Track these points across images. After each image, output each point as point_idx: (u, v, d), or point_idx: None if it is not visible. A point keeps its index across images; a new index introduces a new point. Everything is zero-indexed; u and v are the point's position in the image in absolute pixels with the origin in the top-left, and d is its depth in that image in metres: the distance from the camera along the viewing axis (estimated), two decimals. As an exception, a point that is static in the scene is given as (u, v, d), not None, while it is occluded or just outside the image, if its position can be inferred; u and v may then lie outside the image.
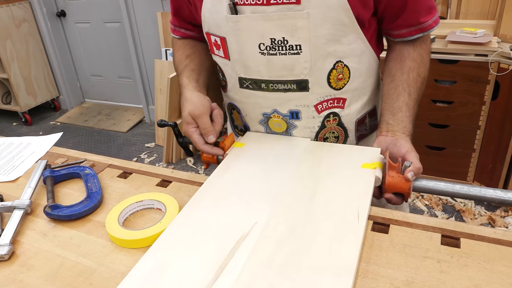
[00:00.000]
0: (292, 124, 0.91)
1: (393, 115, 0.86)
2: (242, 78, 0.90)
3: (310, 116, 0.90)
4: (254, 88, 0.90)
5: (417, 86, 0.88)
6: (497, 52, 1.96)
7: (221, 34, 0.86)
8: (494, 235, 0.64)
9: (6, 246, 0.68)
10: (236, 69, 0.89)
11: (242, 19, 0.81)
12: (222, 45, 0.88)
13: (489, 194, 0.72)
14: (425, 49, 0.90)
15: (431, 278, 0.57)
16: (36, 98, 4.07)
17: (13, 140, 1.12)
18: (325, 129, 0.92)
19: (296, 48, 0.81)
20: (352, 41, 0.83)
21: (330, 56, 0.83)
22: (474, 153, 2.26)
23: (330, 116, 0.90)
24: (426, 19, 0.85)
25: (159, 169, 0.91)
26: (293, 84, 0.86)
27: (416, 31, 0.86)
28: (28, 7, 3.84)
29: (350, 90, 0.89)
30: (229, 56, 0.89)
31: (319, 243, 0.61)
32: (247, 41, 0.83)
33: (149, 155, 3.26)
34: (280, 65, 0.83)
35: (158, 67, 3.17)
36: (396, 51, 0.91)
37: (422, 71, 0.89)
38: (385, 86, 0.90)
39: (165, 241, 0.64)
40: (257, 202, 0.71)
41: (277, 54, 0.82)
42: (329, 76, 0.85)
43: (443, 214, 2.26)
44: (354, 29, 0.81)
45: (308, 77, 0.84)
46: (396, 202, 0.76)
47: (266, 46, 0.82)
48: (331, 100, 0.88)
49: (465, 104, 2.15)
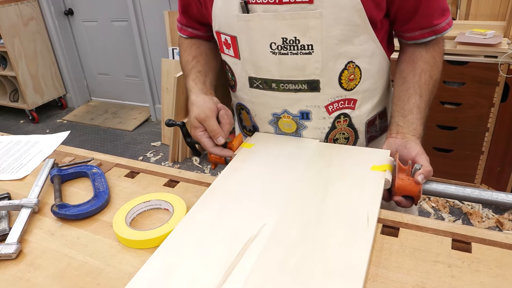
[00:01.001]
0: (302, 124, 0.91)
1: (403, 117, 0.85)
2: (252, 77, 0.89)
3: (321, 117, 0.89)
4: (265, 88, 0.89)
5: (429, 89, 0.86)
6: (507, 53, 1.94)
7: (231, 33, 0.86)
8: (506, 240, 0.63)
9: (13, 244, 0.68)
10: (246, 68, 0.89)
11: (253, 18, 0.81)
12: (232, 44, 0.88)
13: (501, 199, 0.71)
14: (438, 52, 0.89)
15: (441, 283, 0.56)
16: (43, 96, 4.09)
17: (20, 138, 1.12)
18: (335, 130, 0.91)
19: (308, 48, 0.80)
20: (364, 41, 0.82)
21: (341, 57, 0.82)
22: (482, 155, 2.24)
23: (341, 117, 0.89)
24: (439, 22, 0.84)
25: (166, 169, 0.91)
26: (304, 84, 0.85)
27: (429, 34, 0.85)
28: (36, 5, 3.85)
29: (361, 91, 0.88)
30: (239, 55, 0.88)
31: (329, 247, 0.60)
32: (258, 40, 0.83)
33: (155, 154, 3.26)
34: (291, 65, 0.83)
35: (164, 66, 3.18)
36: (408, 53, 0.90)
37: (434, 73, 0.88)
38: (396, 88, 0.90)
39: (172, 242, 0.64)
40: (266, 204, 0.71)
41: (289, 53, 0.82)
42: (341, 76, 0.84)
43: (450, 217, 2.24)
44: (366, 29, 0.80)
45: (319, 77, 0.83)
46: (405, 205, 0.76)
47: (278, 46, 0.81)
48: (342, 101, 0.87)
49: (474, 106, 2.13)
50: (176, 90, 2.83)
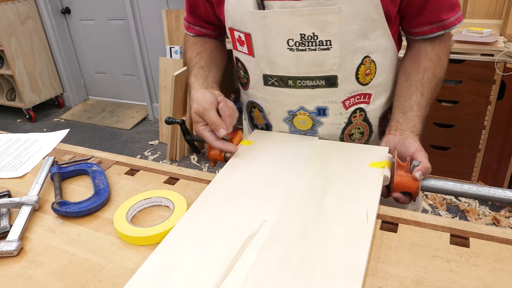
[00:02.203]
0: (318, 121, 0.90)
1: (403, 113, 0.86)
2: (267, 75, 0.89)
3: (338, 113, 0.89)
4: (280, 85, 0.88)
5: (431, 87, 0.87)
6: (503, 51, 1.95)
7: (245, 30, 0.85)
8: (503, 235, 0.64)
9: (14, 242, 0.68)
10: (260, 66, 0.88)
11: (270, 14, 0.80)
12: (246, 42, 0.87)
13: (498, 195, 0.71)
14: (443, 49, 0.89)
15: (440, 277, 0.56)
16: (40, 95, 4.08)
17: (20, 136, 1.12)
18: (351, 125, 0.91)
19: (326, 43, 0.80)
20: (379, 36, 0.82)
21: (359, 52, 0.82)
22: (479, 153, 2.26)
23: (357, 111, 0.89)
24: (448, 16, 0.84)
25: (166, 166, 0.91)
26: (322, 80, 0.85)
27: (437, 28, 0.86)
28: (33, 4, 3.84)
29: (375, 85, 0.88)
30: (254, 53, 0.87)
31: (329, 243, 0.61)
32: (275, 37, 0.82)
33: (153, 152, 3.27)
34: (309, 61, 0.83)
35: (162, 64, 3.18)
36: (414, 50, 0.91)
37: (438, 72, 0.88)
38: (399, 85, 0.90)
39: (173, 239, 0.64)
40: (266, 201, 0.71)
41: (307, 50, 0.81)
42: (358, 71, 0.84)
43: (447, 214, 2.25)
44: (381, 24, 0.81)
45: (337, 73, 0.83)
46: (404, 202, 0.76)
47: (295, 42, 0.81)
48: (358, 96, 0.88)
49: (471, 104, 2.14)
50: (174, 88, 2.83)
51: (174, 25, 3.22)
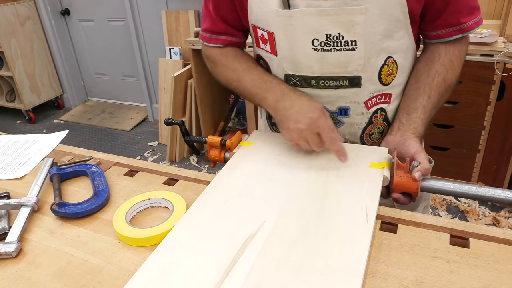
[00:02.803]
0: (339, 121, 0.90)
1: (407, 114, 0.85)
2: (289, 75, 0.88)
3: (359, 113, 0.88)
4: (303, 85, 0.88)
5: (440, 91, 0.86)
6: (503, 52, 1.95)
7: (269, 29, 0.84)
8: (503, 236, 0.63)
9: (13, 243, 0.68)
10: (283, 65, 0.87)
11: (295, 13, 0.79)
12: (269, 41, 0.86)
13: (498, 195, 0.71)
14: (457, 54, 0.88)
15: (440, 278, 0.56)
16: (40, 96, 4.08)
17: (19, 137, 1.12)
18: (372, 125, 0.91)
19: (351, 44, 0.79)
20: (402, 36, 0.82)
21: (383, 52, 0.82)
22: (478, 153, 2.26)
23: (378, 111, 0.89)
24: (467, 20, 0.83)
25: (165, 167, 0.91)
26: (346, 80, 0.84)
27: (455, 32, 0.85)
28: (33, 5, 3.84)
29: (396, 85, 0.88)
30: (277, 52, 0.87)
31: (329, 243, 0.61)
32: (300, 37, 0.81)
33: (152, 153, 3.26)
34: (334, 61, 0.82)
35: (162, 65, 3.18)
36: (428, 53, 0.90)
37: (449, 77, 0.87)
38: (408, 86, 0.90)
39: (173, 240, 0.64)
40: (266, 201, 0.71)
41: (332, 50, 0.81)
42: (381, 72, 0.84)
43: (447, 215, 2.25)
44: (405, 24, 0.80)
45: (361, 73, 0.83)
46: (403, 202, 0.76)
47: (321, 42, 0.80)
48: (380, 96, 0.87)
49: (470, 104, 2.14)
50: (173, 89, 2.83)
51: (173, 26, 3.22)
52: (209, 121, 3.10)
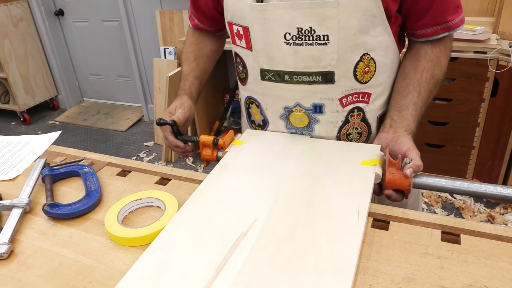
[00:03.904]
0: (314, 118, 0.90)
1: (398, 112, 0.85)
2: (264, 69, 0.88)
3: (334, 110, 0.88)
4: (277, 80, 0.88)
5: (429, 88, 0.86)
6: (496, 49, 1.96)
7: (244, 23, 0.85)
8: (494, 231, 0.64)
9: (5, 244, 0.68)
10: (258, 60, 0.88)
11: (268, 7, 0.80)
12: (244, 35, 0.87)
13: (490, 191, 0.72)
14: (443, 51, 0.88)
15: (431, 274, 0.56)
16: (35, 98, 4.06)
17: (11, 138, 1.12)
18: (349, 125, 0.90)
19: (323, 38, 0.80)
20: (380, 33, 0.82)
21: (358, 48, 0.81)
22: (473, 150, 2.26)
23: (355, 111, 0.89)
24: (453, 18, 0.84)
25: (158, 167, 0.91)
26: (319, 76, 0.84)
27: (441, 30, 0.85)
28: (26, 6, 3.83)
29: (376, 84, 0.88)
30: (252, 47, 0.87)
31: (320, 242, 0.61)
32: (273, 31, 0.82)
33: (148, 154, 3.26)
34: (307, 56, 0.82)
35: (157, 66, 3.17)
36: (413, 51, 0.90)
37: (436, 73, 0.87)
38: (397, 83, 0.90)
39: (164, 239, 0.64)
40: (257, 200, 0.71)
41: (303, 44, 0.81)
42: (356, 68, 0.83)
43: (443, 212, 2.26)
44: (382, 21, 0.80)
45: (334, 68, 0.83)
46: (396, 199, 0.76)
47: (292, 36, 0.81)
48: (356, 94, 0.87)
49: (464, 101, 2.15)
50: (168, 89, 2.82)
51: (168, 26, 3.22)
52: (204, 120, 3.09)
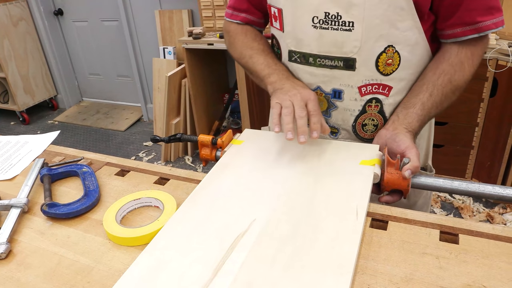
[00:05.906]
0: (333, 104, 0.91)
1: (405, 108, 0.85)
2: (292, 51, 0.91)
3: (353, 98, 0.89)
4: (302, 62, 0.90)
5: (444, 92, 0.84)
6: (495, 49, 1.96)
7: (278, 5, 0.89)
8: (492, 231, 0.64)
9: (3, 244, 0.68)
10: (287, 41, 0.91)
11: None
12: (279, 17, 0.90)
13: (488, 191, 0.72)
14: (469, 56, 0.85)
15: (430, 274, 0.56)
16: (34, 97, 4.06)
17: (10, 138, 1.11)
18: (365, 115, 0.90)
19: (348, 24, 0.81)
20: (408, 28, 0.81)
21: (382, 39, 0.81)
22: (472, 150, 2.27)
23: (373, 101, 0.89)
24: (483, 19, 0.81)
25: (156, 167, 0.91)
26: (341, 61, 0.85)
27: (470, 31, 0.82)
28: (25, 6, 3.83)
29: (397, 78, 0.87)
30: (283, 28, 0.90)
31: (319, 241, 0.61)
32: (302, 14, 0.84)
33: (147, 153, 3.26)
34: (330, 40, 0.84)
35: (156, 65, 3.17)
36: (440, 53, 0.88)
37: (456, 78, 0.85)
38: (415, 83, 0.89)
39: (162, 239, 0.64)
40: (256, 200, 0.71)
41: (329, 28, 0.83)
42: (378, 59, 0.84)
43: (442, 211, 2.26)
44: (411, 15, 0.79)
45: (356, 56, 0.83)
46: (394, 201, 0.76)
47: (320, 20, 0.83)
48: (376, 85, 0.87)
49: (464, 101, 2.15)
50: (167, 89, 2.82)
51: (167, 25, 3.22)
52: (204, 120, 3.09)
